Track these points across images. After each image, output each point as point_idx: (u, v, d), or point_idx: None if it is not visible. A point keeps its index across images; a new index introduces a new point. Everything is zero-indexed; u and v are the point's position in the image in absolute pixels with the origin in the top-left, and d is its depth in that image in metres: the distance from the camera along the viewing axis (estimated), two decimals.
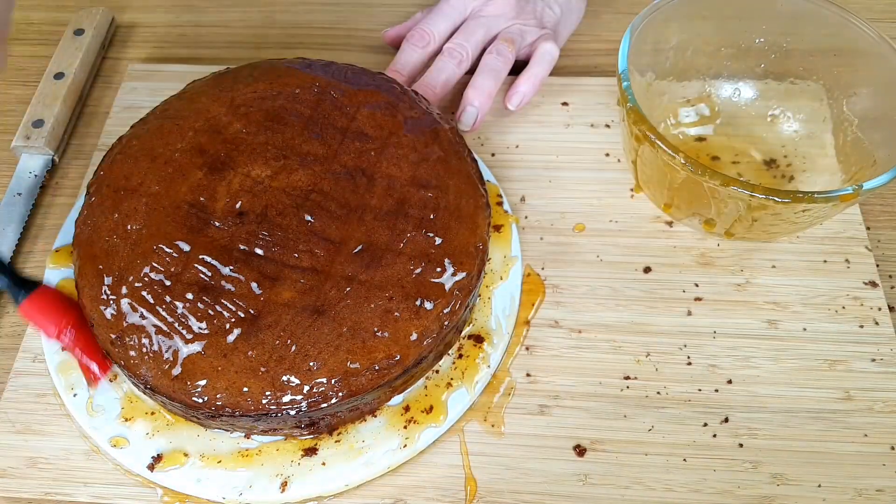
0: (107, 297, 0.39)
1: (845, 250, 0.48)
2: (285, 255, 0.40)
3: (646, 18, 0.47)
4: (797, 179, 0.50)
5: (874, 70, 0.47)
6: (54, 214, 0.52)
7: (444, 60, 0.52)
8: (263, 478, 0.40)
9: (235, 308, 0.39)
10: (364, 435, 0.41)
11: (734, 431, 0.42)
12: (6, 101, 0.58)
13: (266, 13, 0.64)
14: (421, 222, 0.41)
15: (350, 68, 0.48)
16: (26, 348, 0.45)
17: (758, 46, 0.51)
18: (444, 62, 0.52)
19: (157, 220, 0.41)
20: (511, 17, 0.55)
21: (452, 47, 0.53)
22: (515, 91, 0.53)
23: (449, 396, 0.42)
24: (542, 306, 0.47)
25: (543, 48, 0.54)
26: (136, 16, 0.64)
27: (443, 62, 0.52)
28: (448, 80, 0.52)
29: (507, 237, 0.47)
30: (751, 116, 0.53)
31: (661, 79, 0.51)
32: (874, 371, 0.44)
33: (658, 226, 0.50)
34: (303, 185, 0.42)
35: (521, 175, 0.52)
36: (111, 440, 0.41)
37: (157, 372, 0.38)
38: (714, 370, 0.44)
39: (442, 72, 0.52)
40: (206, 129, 0.44)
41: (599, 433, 0.42)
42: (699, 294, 0.47)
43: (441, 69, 0.52)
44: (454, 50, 0.53)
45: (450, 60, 0.52)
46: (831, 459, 0.41)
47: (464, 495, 0.41)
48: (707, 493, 0.40)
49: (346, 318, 0.39)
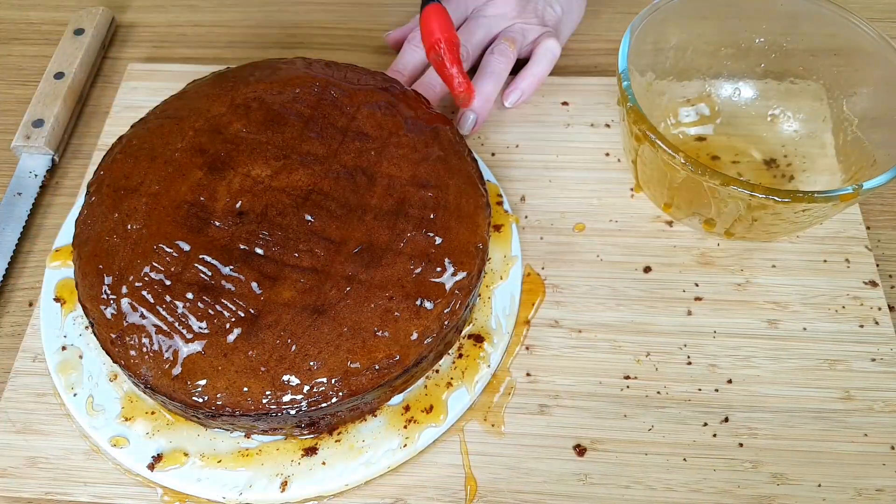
0: (107, 296, 0.39)
1: (845, 250, 0.48)
2: (285, 255, 0.40)
3: (646, 18, 0.47)
4: (797, 179, 0.50)
5: (874, 70, 0.47)
6: (54, 214, 0.52)
7: None
8: (263, 477, 0.40)
9: (235, 308, 0.39)
10: (364, 434, 0.41)
11: (734, 431, 0.42)
12: (6, 101, 0.58)
13: (266, 13, 0.64)
14: (421, 222, 0.41)
15: (350, 68, 0.48)
16: (26, 348, 0.45)
17: (758, 46, 0.51)
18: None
19: (157, 220, 0.41)
20: (512, 17, 0.54)
21: None
22: (514, 88, 0.53)
23: (449, 396, 0.42)
24: (542, 306, 0.47)
25: (545, 45, 0.53)
26: (136, 16, 0.64)
27: None
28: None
29: (507, 237, 0.47)
30: (751, 116, 0.53)
31: (661, 78, 0.51)
32: (874, 371, 0.44)
33: (658, 225, 0.50)
34: (303, 185, 0.42)
35: (521, 175, 0.52)
36: (111, 440, 0.41)
37: (157, 371, 0.38)
38: (714, 370, 0.44)
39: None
40: (207, 128, 0.44)
41: (599, 433, 0.42)
42: (699, 294, 0.47)
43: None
44: None
45: None
46: (831, 459, 0.41)
47: (464, 495, 0.41)
48: (707, 493, 0.41)
49: (347, 318, 0.39)
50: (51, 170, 0.54)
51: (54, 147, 0.54)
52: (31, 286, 0.49)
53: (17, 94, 0.59)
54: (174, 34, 0.62)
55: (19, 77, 0.60)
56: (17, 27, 0.63)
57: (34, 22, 0.64)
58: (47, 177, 0.54)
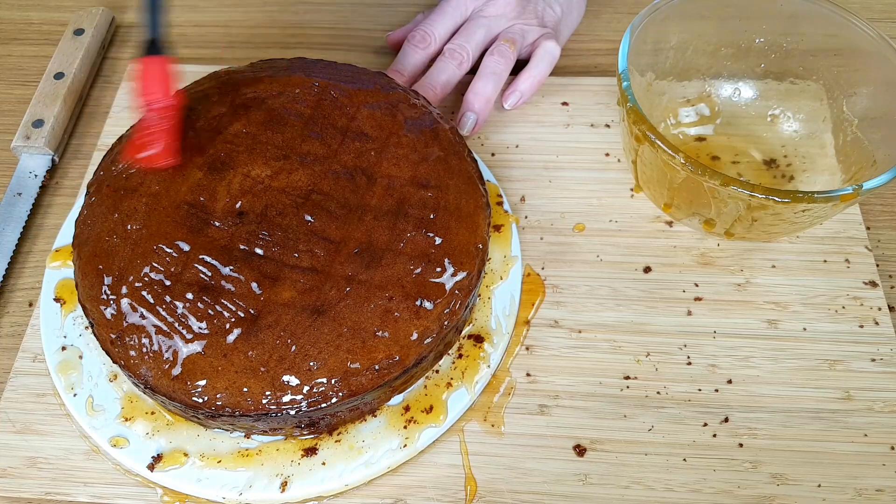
0: (107, 297, 0.39)
1: (845, 250, 0.48)
2: (285, 255, 0.40)
3: (646, 18, 0.47)
4: (797, 179, 0.50)
5: (874, 70, 0.47)
6: (54, 214, 0.52)
7: (445, 61, 0.52)
8: (263, 477, 0.40)
9: (235, 308, 0.38)
10: (364, 435, 0.41)
11: (734, 431, 0.42)
12: (6, 101, 0.58)
13: (266, 13, 0.64)
14: (421, 222, 0.41)
15: (350, 68, 0.48)
16: (26, 348, 0.45)
17: (758, 46, 0.51)
18: (444, 63, 0.52)
19: (157, 220, 0.41)
20: (512, 17, 0.55)
21: (453, 48, 0.53)
22: (513, 90, 0.53)
23: (449, 396, 0.42)
24: (542, 306, 0.47)
25: (544, 47, 0.54)
26: (136, 16, 0.64)
27: (444, 63, 0.52)
28: (449, 80, 0.52)
29: (507, 237, 0.47)
30: (751, 116, 0.53)
31: (661, 79, 0.51)
32: (874, 371, 0.44)
33: (658, 226, 0.50)
34: (303, 185, 0.42)
35: (521, 175, 0.52)
36: (111, 440, 0.41)
37: (156, 372, 0.38)
38: (714, 370, 0.44)
39: (443, 72, 0.52)
40: (206, 128, 0.44)
41: (599, 433, 0.42)
42: (699, 294, 0.47)
43: (442, 70, 0.52)
44: (455, 51, 0.53)
45: (451, 61, 0.52)
46: (831, 459, 0.41)
47: (464, 495, 0.41)
48: (707, 493, 0.41)
49: (346, 318, 0.39)
50: (51, 170, 0.54)
51: (54, 147, 0.54)
52: (30, 286, 0.49)
53: (17, 95, 0.59)
54: (174, 34, 0.62)
55: (19, 77, 0.60)
56: (17, 27, 0.63)
57: (34, 22, 0.64)
58: (47, 177, 0.54)
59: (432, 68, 0.53)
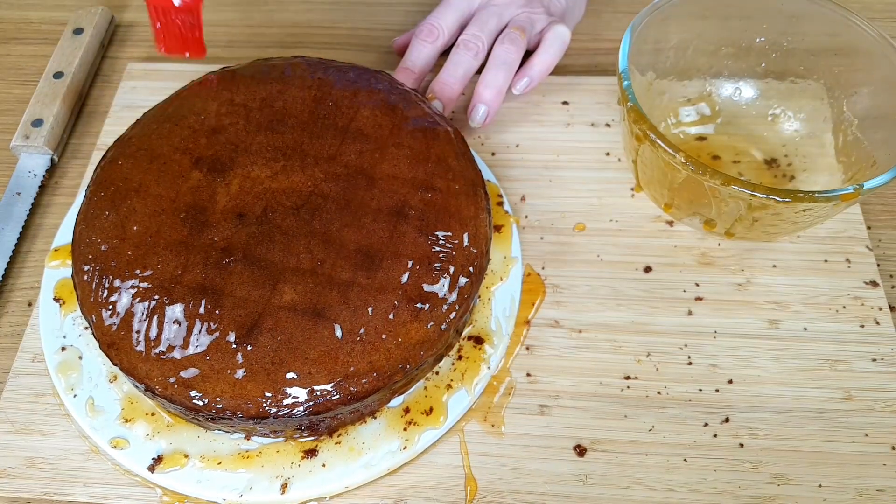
0: (105, 297, 0.39)
1: (846, 250, 0.48)
2: (285, 258, 0.40)
3: (646, 17, 0.47)
4: (798, 179, 0.50)
5: (874, 70, 0.47)
6: (53, 214, 0.52)
7: (461, 53, 0.51)
8: (264, 479, 0.40)
9: (235, 310, 0.38)
10: (364, 436, 0.41)
11: (735, 431, 0.42)
12: (6, 100, 0.58)
13: (266, 13, 0.63)
14: (421, 223, 0.41)
15: (350, 68, 0.48)
16: (26, 348, 0.45)
17: (758, 46, 0.51)
18: (460, 55, 0.51)
19: (157, 221, 0.41)
20: (520, 5, 0.54)
21: (468, 39, 0.52)
22: (524, 75, 0.52)
23: (449, 398, 0.42)
24: (542, 306, 0.47)
25: (555, 31, 0.53)
26: (136, 15, 0.64)
27: (459, 55, 0.51)
28: (466, 72, 0.51)
29: (508, 237, 0.47)
30: (751, 116, 0.53)
31: (661, 78, 0.51)
32: (875, 371, 0.44)
33: (658, 225, 0.50)
34: (302, 187, 0.42)
35: (521, 175, 0.52)
36: (111, 441, 0.41)
37: (156, 374, 0.38)
38: (715, 370, 0.44)
39: (459, 65, 0.51)
40: (206, 129, 0.44)
41: (600, 433, 0.42)
42: (700, 294, 0.47)
43: (458, 62, 0.51)
44: (469, 41, 0.52)
45: (466, 52, 0.51)
46: (832, 459, 0.41)
47: (464, 495, 0.41)
48: (708, 493, 0.40)
49: (346, 321, 0.38)
50: (50, 169, 0.54)
51: (53, 147, 0.54)
52: (30, 286, 0.49)
53: (17, 94, 0.58)
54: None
55: (19, 77, 0.60)
56: (16, 27, 0.63)
57: (34, 22, 0.63)
58: (46, 176, 0.54)
59: (447, 62, 0.51)
